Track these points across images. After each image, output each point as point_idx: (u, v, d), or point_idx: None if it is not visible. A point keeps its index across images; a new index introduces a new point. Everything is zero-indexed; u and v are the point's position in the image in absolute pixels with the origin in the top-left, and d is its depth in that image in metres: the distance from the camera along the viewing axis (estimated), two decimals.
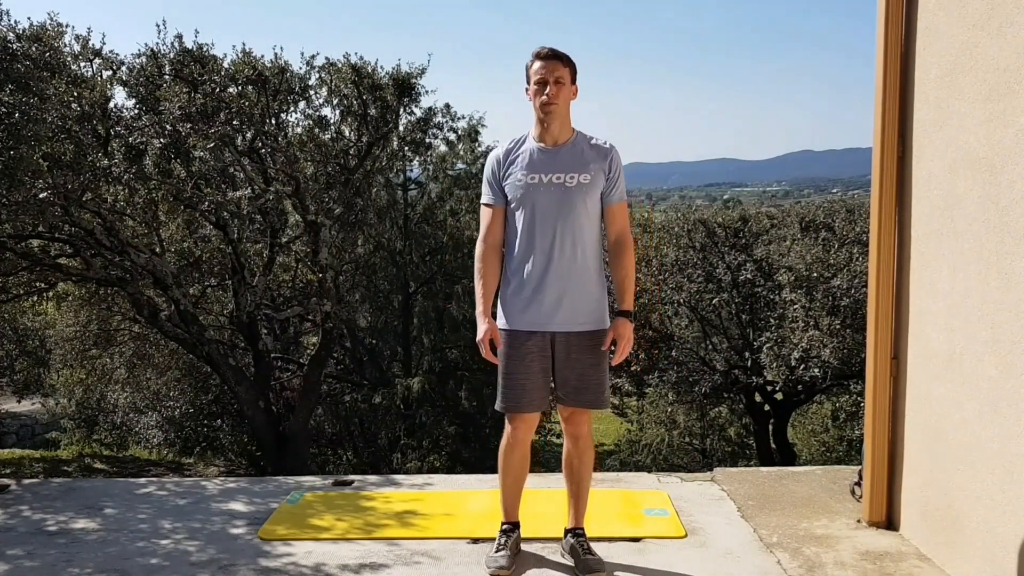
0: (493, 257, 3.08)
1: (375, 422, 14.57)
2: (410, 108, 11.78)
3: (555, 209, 2.98)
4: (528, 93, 3.02)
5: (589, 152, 3.05)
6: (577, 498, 3.21)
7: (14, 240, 8.26)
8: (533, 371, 3.02)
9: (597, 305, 3.06)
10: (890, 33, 3.31)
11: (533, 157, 3.03)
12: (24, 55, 6.98)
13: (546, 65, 2.96)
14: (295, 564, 3.27)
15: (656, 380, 13.30)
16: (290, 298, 12.94)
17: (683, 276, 12.84)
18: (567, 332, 3.02)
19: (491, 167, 3.09)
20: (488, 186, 3.11)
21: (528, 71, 3.01)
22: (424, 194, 16.38)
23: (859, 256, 10.71)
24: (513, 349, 3.03)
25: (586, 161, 3.02)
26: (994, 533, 2.74)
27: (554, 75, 2.95)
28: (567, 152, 3.03)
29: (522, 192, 3.01)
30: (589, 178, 3.00)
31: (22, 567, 3.27)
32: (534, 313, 3.01)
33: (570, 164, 3.01)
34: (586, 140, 3.09)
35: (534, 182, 2.99)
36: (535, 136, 3.07)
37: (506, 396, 3.06)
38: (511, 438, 3.13)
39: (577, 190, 2.99)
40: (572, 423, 3.15)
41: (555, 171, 2.99)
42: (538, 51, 3.00)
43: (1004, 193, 2.68)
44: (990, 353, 2.76)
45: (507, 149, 3.09)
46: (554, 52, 2.98)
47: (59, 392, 14.23)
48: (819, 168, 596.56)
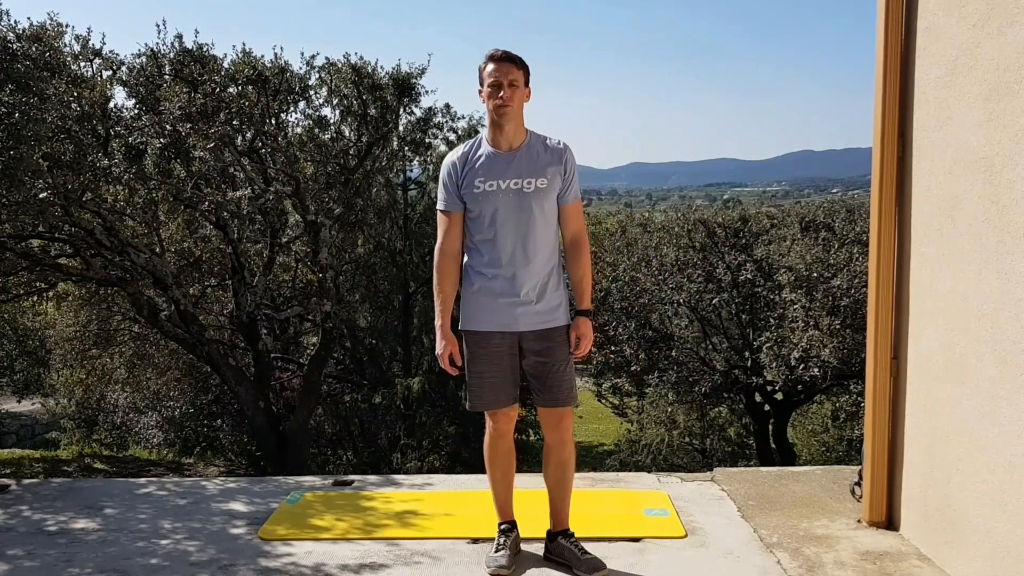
0: (452, 266, 3.10)
1: (375, 422, 14.58)
2: (410, 108, 11.79)
3: (514, 214, 3.01)
4: (481, 96, 3.02)
5: (544, 155, 3.06)
6: (563, 499, 3.20)
7: (14, 240, 8.25)
8: (503, 368, 3.06)
9: (558, 304, 3.10)
10: (890, 33, 3.31)
11: (489, 163, 3.03)
12: (24, 55, 6.98)
13: (499, 68, 2.97)
14: (295, 564, 3.27)
15: (656, 380, 13.29)
16: (290, 298, 12.94)
17: (683, 276, 12.83)
18: (533, 331, 3.05)
19: (448, 173, 3.09)
20: (445, 192, 3.10)
21: (481, 73, 3.01)
22: (424, 194, 16.38)
23: (859, 256, 10.70)
24: (481, 349, 3.06)
25: (542, 164, 3.04)
26: (994, 533, 2.74)
27: (508, 78, 2.96)
28: (523, 156, 3.04)
29: (481, 199, 3.01)
30: (546, 182, 3.03)
31: (22, 567, 3.27)
32: (500, 314, 3.03)
33: (527, 169, 3.02)
34: (540, 141, 3.09)
35: (492, 189, 3.00)
36: (489, 140, 3.07)
37: (480, 396, 3.10)
38: (493, 431, 3.16)
39: (535, 195, 3.02)
40: (555, 427, 3.15)
41: (512, 176, 3.01)
42: (491, 53, 3.00)
43: (1004, 193, 2.68)
44: (990, 353, 2.76)
45: (463, 154, 3.09)
46: (507, 55, 2.99)
47: (59, 392, 14.24)
48: (819, 168, 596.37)
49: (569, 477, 3.20)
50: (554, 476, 3.19)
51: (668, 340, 12.87)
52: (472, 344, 3.08)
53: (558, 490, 3.20)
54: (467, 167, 3.05)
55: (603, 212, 18.45)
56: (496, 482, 3.22)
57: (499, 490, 3.23)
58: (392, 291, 15.95)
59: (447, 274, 3.10)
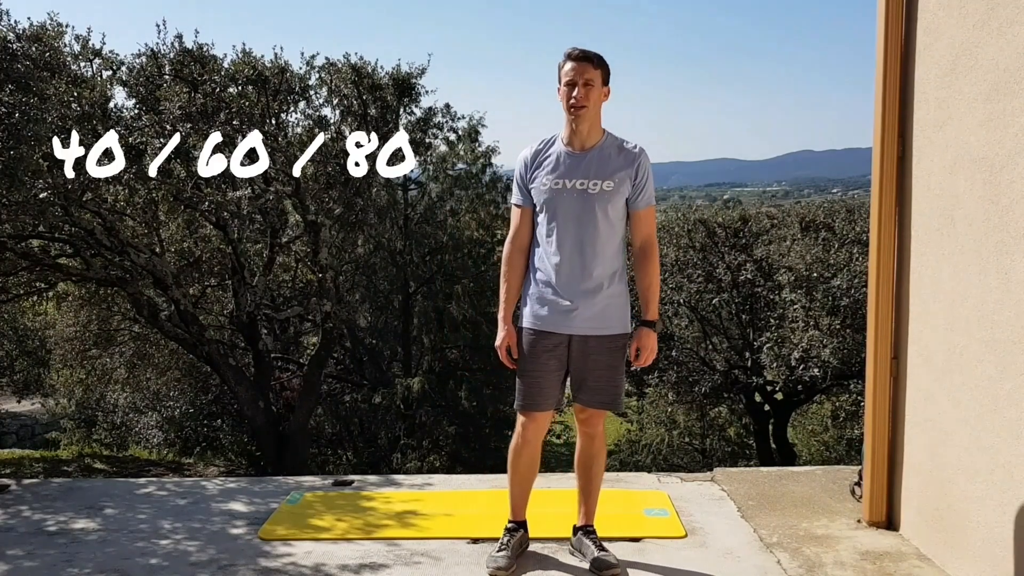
0: (519, 259, 3.10)
1: (375, 422, 14.58)
2: (410, 108, 11.80)
3: (576, 214, 2.97)
4: (559, 93, 3.00)
5: (616, 158, 3.01)
6: (589, 496, 3.22)
7: (14, 240, 8.26)
8: (550, 369, 3.03)
9: (616, 311, 3.04)
10: (890, 33, 3.31)
11: (560, 161, 3.01)
12: (24, 55, 6.99)
13: (576, 67, 2.92)
14: (295, 564, 3.27)
15: (656, 380, 13.30)
16: (290, 298, 12.95)
17: (683, 276, 12.83)
18: (584, 335, 3.01)
19: (519, 168, 3.10)
20: (516, 187, 3.12)
21: (559, 71, 2.97)
22: (424, 194, 16.39)
23: (859, 256, 10.71)
24: (531, 347, 3.04)
25: (612, 167, 2.99)
26: (994, 533, 2.74)
27: (584, 77, 2.92)
28: (594, 157, 3.00)
29: (546, 196, 3.00)
30: (612, 185, 2.97)
31: (22, 567, 3.27)
32: (553, 314, 3.01)
33: (595, 170, 2.98)
34: (615, 144, 3.04)
35: (558, 187, 2.98)
36: (564, 138, 3.04)
37: (524, 394, 3.07)
38: (521, 438, 3.13)
39: (599, 196, 2.96)
40: (587, 423, 3.16)
41: (579, 176, 2.97)
42: (569, 51, 2.95)
43: (1004, 193, 2.68)
44: (990, 353, 2.76)
45: (535, 151, 3.07)
46: (584, 54, 2.94)
47: (59, 392, 14.24)
48: (819, 168, 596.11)
49: (597, 473, 3.21)
50: (581, 475, 3.21)
51: (668, 340, 12.88)
52: (524, 340, 3.06)
53: (584, 489, 3.21)
54: (537, 163, 3.04)
55: None
56: (514, 485, 3.21)
57: (515, 493, 3.22)
58: (392, 291, 15.96)
59: (513, 266, 3.08)
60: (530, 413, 3.08)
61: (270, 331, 14.20)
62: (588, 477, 3.20)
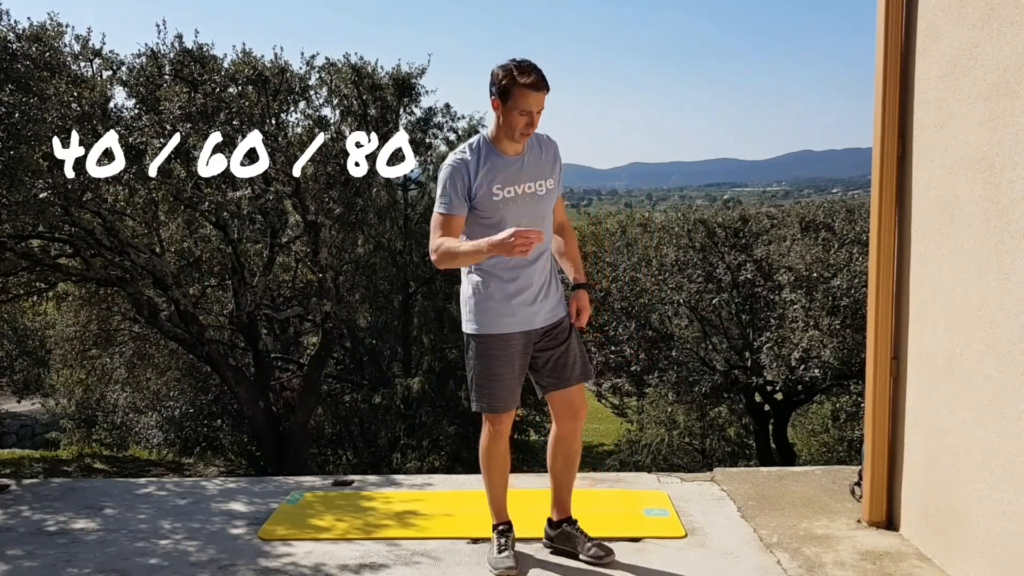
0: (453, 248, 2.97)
1: (375, 422, 14.58)
2: (410, 108, 11.80)
3: (531, 218, 2.99)
4: (496, 106, 2.88)
5: (544, 155, 3.05)
6: (568, 488, 3.24)
7: (14, 240, 8.26)
8: (517, 368, 3.08)
9: (560, 295, 3.19)
10: (890, 33, 3.31)
11: (501, 169, 2.95)
12: (24, 55, 6.99)
13: (538, 97, 2.83)
14: (295, 564, 3.27)
15: (656, 380, 13.29)
16: (290, 298, 12.95)
17: (683, 276, 12.83)
18: (545, 326, 3.10)
19: (459, 177, 2.92)
20: (453, 196, 2.91)
21: (511, 92, 2.81)
22: (424, 194, 16.39)
23: (859, 256, 10.71)
24: (501, 351, 3.04)
25: (546, 164, 3.05)
26: (994, 533, 2.74)
27: (540, 106, 2.87)
28: (530, 159, 3.01)
29: (501, 206, 2.95)
30: (553, 182, 3.06)
31: (22, 567, 3.27)
32: (520, 315, 3.03)
33: (536, 171, 3.01)
34: (534, 140, 3.03)
35: (511, 195, 2.96)
36: (496, 146, 2.96)
37: (498, 398, 3.07)
38: (494, 432, 3.14)
39: (547, 196, 3.04)
40: (566, 415, 3.17)
41: (526, 180, 2.99)
42: (528, 79, 2.79)
43: (1004, 193, 2.68)
44: (990, 353, 2.76)
45: (474, 160, 2.95)
46: (545, 82, 2.84)
47: (59, 392, 14.24)
48: (819, 168, 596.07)
49: (576, 466, 3.25)
50: (563, 465, 3.21)
51: (668, 340, 12.88)
52: (492, 348, 3.04)
53: (566, 479, 3.23)
54: (479, 172, 2.94)
55: (603, 212, 18.40)
56: (494, 483, 3.21)
57: (497, 493, 3.22)
58: (392, 291, 15.96)
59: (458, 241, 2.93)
60: (501, 415, 3.12)
61: (270, 331, 14.20)
62: (570, 468, 3.22)
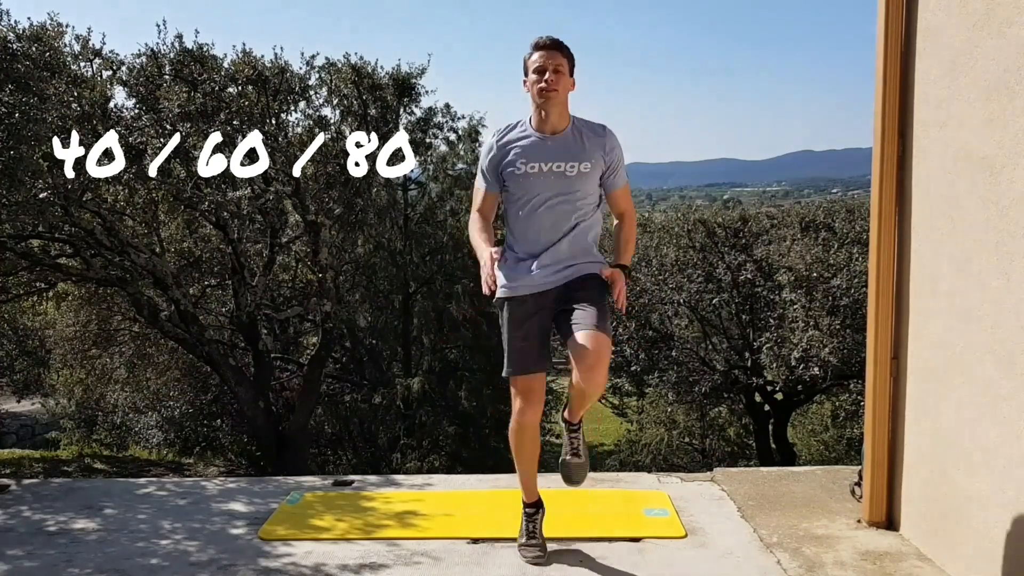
0: (484, 223, 3.09)
1: (375, 422, 14.58)
2: (410, 108, 11.81)
3: (554, 197, 2.98)
4: (526, 85, 3.00)
5: (589, 140, 3.03)
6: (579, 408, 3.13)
7: (14, 240, 8.26)
8: (534, 332, 3.01)
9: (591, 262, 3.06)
10: (890, 33, 3.31)
11: (532, 146, 3.00)
12: (24, 55, 6.99)
13: (546, 54, 2.95)
14: (295, 564, 3.27)
15: (656, 380, 13.30)
16: (290, 298, 12.95)
17: (683, 276, 12.84)
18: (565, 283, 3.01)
19: (487, 155, 3.07)
20: (483, 174, 3.09)
21: (526, 63, 2.98)
22: (424, 194, 16.39)
23: (859, 256, 10.71)
24: (516, 313, 3.02)
25: (586, 149, 3.01)
26: (994, 533, 2.74)
27: (553, 63, 2.94)
28: (566, 140, 3.01)
29: (523, 181, 2.99)
30: (589, 167, 3.00)
31: (22, 567, 3.27)
32: (539, 277, 3.00)
33: (571, 152, 2.99)
34: (585, 126, 3.05)
35: (534, 171, 2.98)
36: (533, 125, 3.04)
37: (509, 359, 3.04)
38: (519, 422, 3.08)
39: (578, 178, 2.99)
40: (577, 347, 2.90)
41: (554, 160, 2.98)
42: (537, 41, 2.98)
43: (1004, 193, 2.68)
44: (990, 353, 2.76)
45: (504, 137, 3.05)
46: (554, 42, 2.97)
47: (59, 392, 14.24)
48: (819, 168, 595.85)
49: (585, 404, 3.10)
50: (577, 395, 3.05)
51: (668, 340, 12.89)
52: (507, 310, 3.03)
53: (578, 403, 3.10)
54: (506, 149, 3.02)
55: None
56: (519, 460, 3.18)
57: (522, 467, 3.18)
58: (392, 291, 15.95)
59: (481, 228, 3.06)
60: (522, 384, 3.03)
61: (270, 331, 14.21)
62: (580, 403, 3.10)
